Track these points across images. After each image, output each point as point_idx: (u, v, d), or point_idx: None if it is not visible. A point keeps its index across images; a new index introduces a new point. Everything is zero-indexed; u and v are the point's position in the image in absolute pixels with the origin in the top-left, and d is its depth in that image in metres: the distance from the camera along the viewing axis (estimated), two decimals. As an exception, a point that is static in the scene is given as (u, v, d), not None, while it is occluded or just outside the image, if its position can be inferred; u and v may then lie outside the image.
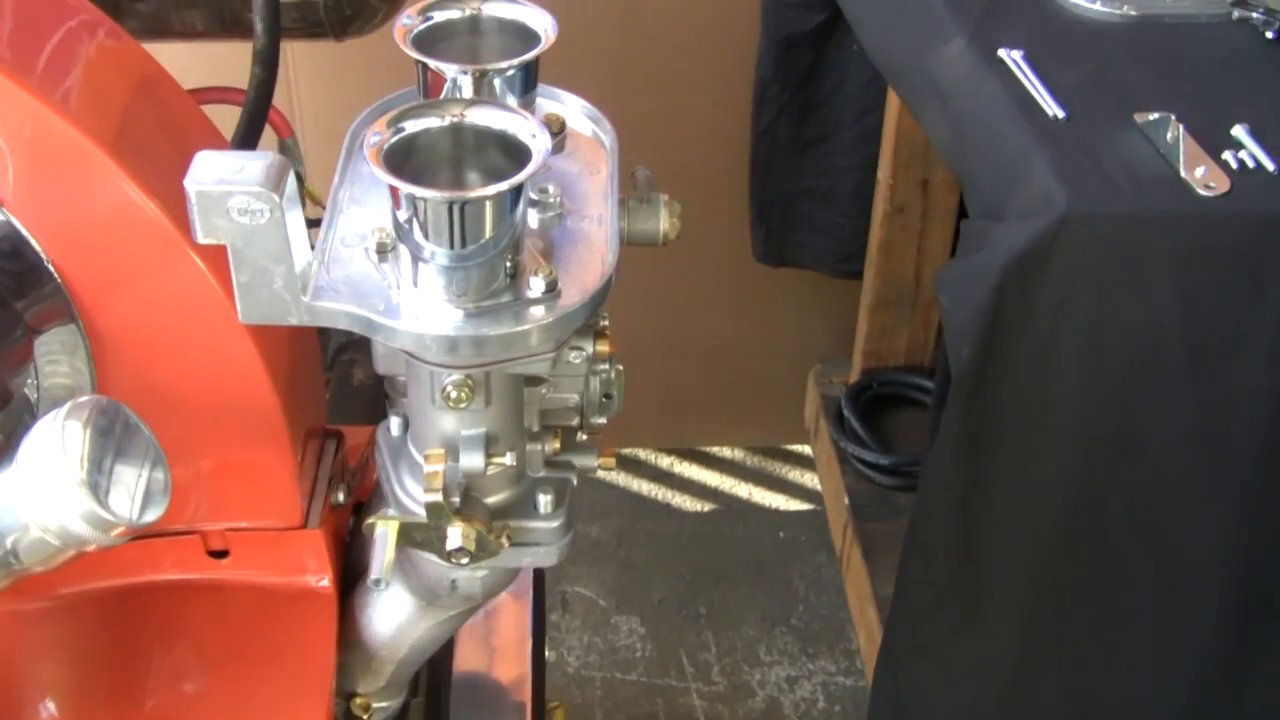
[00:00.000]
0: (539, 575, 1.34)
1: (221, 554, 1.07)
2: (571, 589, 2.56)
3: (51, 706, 1.04)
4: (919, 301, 2.43)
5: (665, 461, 2.84)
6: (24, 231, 0.91)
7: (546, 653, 2.42)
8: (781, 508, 2.75)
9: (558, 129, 0.96)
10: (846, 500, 2.38)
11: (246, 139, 1.12)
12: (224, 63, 1.27)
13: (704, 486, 2.80)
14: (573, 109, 0.99)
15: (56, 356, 0.96)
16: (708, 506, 2.77)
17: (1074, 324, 1.37)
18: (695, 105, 2.42)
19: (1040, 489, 1.48)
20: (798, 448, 2.84)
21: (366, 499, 1.09)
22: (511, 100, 0.91)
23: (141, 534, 1.03)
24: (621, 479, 2.81)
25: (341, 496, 1.08)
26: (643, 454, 2.86)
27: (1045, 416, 1.44)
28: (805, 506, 2.74)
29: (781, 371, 2.68)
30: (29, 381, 0.96)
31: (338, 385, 1.46)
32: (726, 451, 2.86)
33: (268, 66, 1.11)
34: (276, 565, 1.07)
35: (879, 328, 2.47)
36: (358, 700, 1.12)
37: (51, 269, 0.92)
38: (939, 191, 2.27)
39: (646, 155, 2.37)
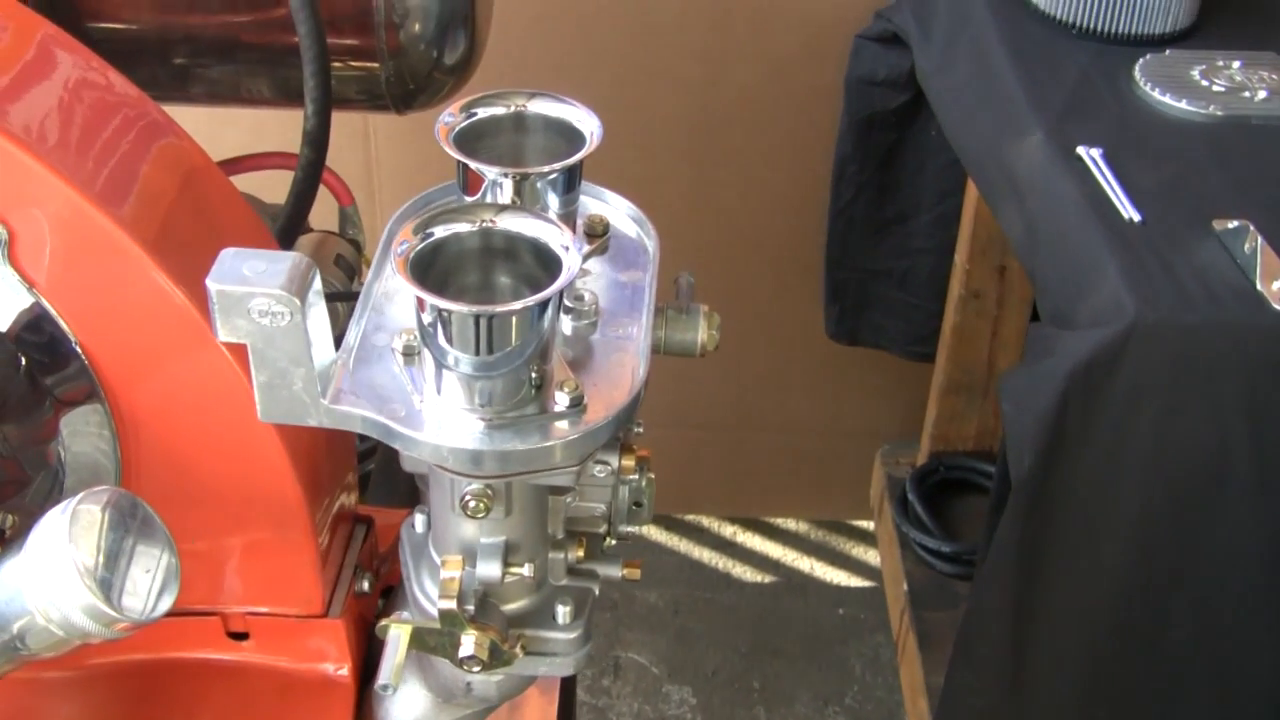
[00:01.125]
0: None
1: (242, 636, 1.06)
2: (625, 654, 2.53)
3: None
4: (990, 388, 2.39)
5: (728, 530, 2.81)
6: (54, 313, 0.91)
7: (595, 717, 2.41)
8: (843, 584, 2.71)
9: (601, 230, 0.94)
10: (905, 586, 2.34)
11: (291, 221, 1.11)
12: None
13: (765, 558, 2.77)
14: (618, 210, 0.97)
15: (82, 432, 0.95)
16: (768, 578, 2.73)
17: (1139, 436, 1.33)
18: (775, 181, 2.40)
19: (1097, 602, 1.45)
20: (862, 523, 2.80)
21: (397, 583, 1.08)
22: (554, 199, 0.89)
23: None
24: (683, 545, 2.78)
25: (367, 585, 1.07)
26: (705, 521, 2.83)
27: (1105, 529, 1.40)
28: (867, 584, 2.70)
29: (849, 448, 2.65)
30: (56, 453, 0.96)
31: (382, 465, 1.44)
32: (790, 524, 2.83)
33: (317, 148, 1.10)
34: (296, 652, 1.06)
35: (949, 412, 2.43)
36: (373, 794, 1.10)
37: (79, 350, 0.92)
38: (1016, 278, 2.23)
39: (724, 230, 2.38)
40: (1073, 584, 1.45)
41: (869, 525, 2.77)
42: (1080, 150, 1.49)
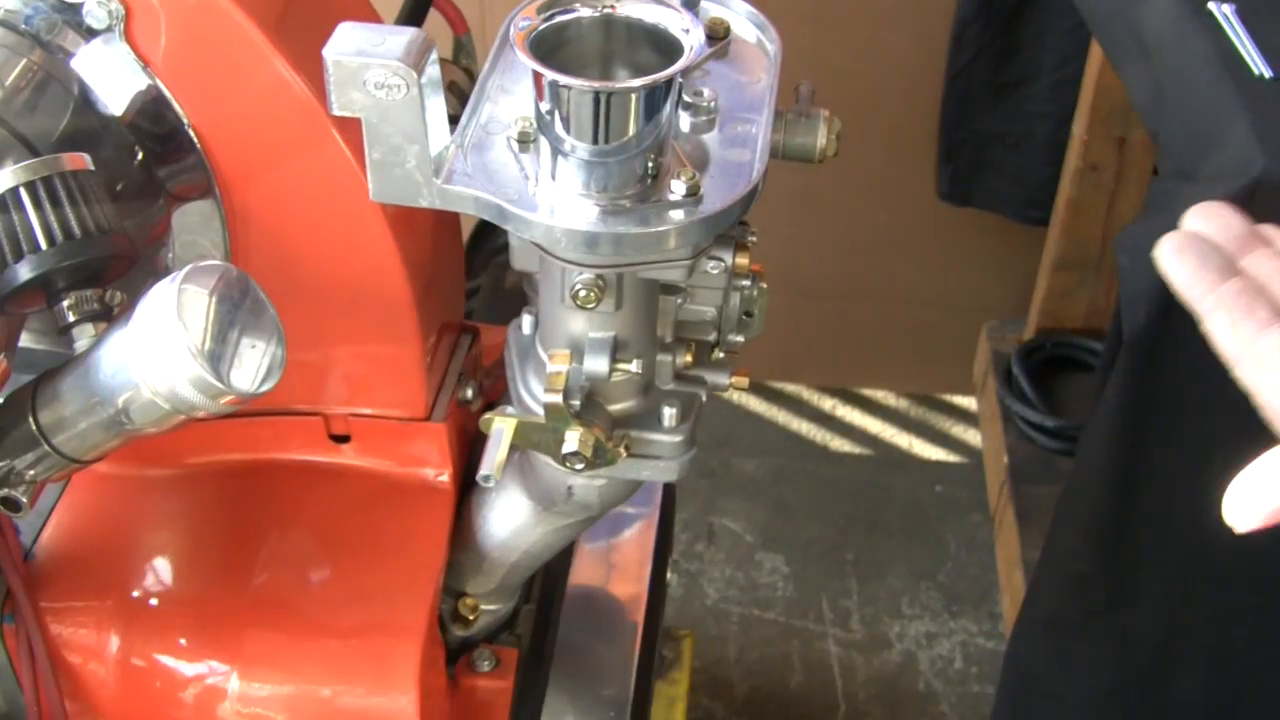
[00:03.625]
0: (669, 496, 1.32)
1: (344, 439, 1.06)
2: (719, 521, 2.53)
3: (163, 574, 1.04)
4: (1104, 265, 2.35)
5: (828, 404, 2.79)
6: (170, 97, 0.90)
7: (687, 581, 2.41)
8: (941, 460, 2.69)
9: (721, 33, 0.92)
10: (1006, 460, 2.32)
11: (409, 23, 1.10)
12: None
13: (864, 432, 2.75)
14: (739, 14, 0.94)
15: (194, 229, 0.95)
16: (866, 452, 2.71)
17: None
18: (893, 40, 2.35)
19: (1208, 470, 1.42)
20: (961, 401, 2.77)
21: (500, 398, 1.07)
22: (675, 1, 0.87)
23: (265, 410, 1.04)
24: (781, 416, 2.77)
25: (470, 393, 1.07)
26: (804, 393, 2.81)
27: (1221, 391, 1.37)
28: (965, 461, 2.67)
29: (952, 322, 2.61)
30: (167, 254, 0.96)
31: (489, 287, 1.44)
32: (890, 400, 2.81)
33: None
34: (398, 455, 1.06)
35: (1059, 288, 2.39)
36: (467, 601, 1.10)
37: (195, 139, 0.91)
38: (1135, 152, 2.18)
39: (841, 89, 2.33)
40: (1183, 449, 1.41)
41: (968, 403, 2.74)
42: (1211, 6, 1.44)
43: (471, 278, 1.60)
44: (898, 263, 2.61)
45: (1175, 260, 0.76)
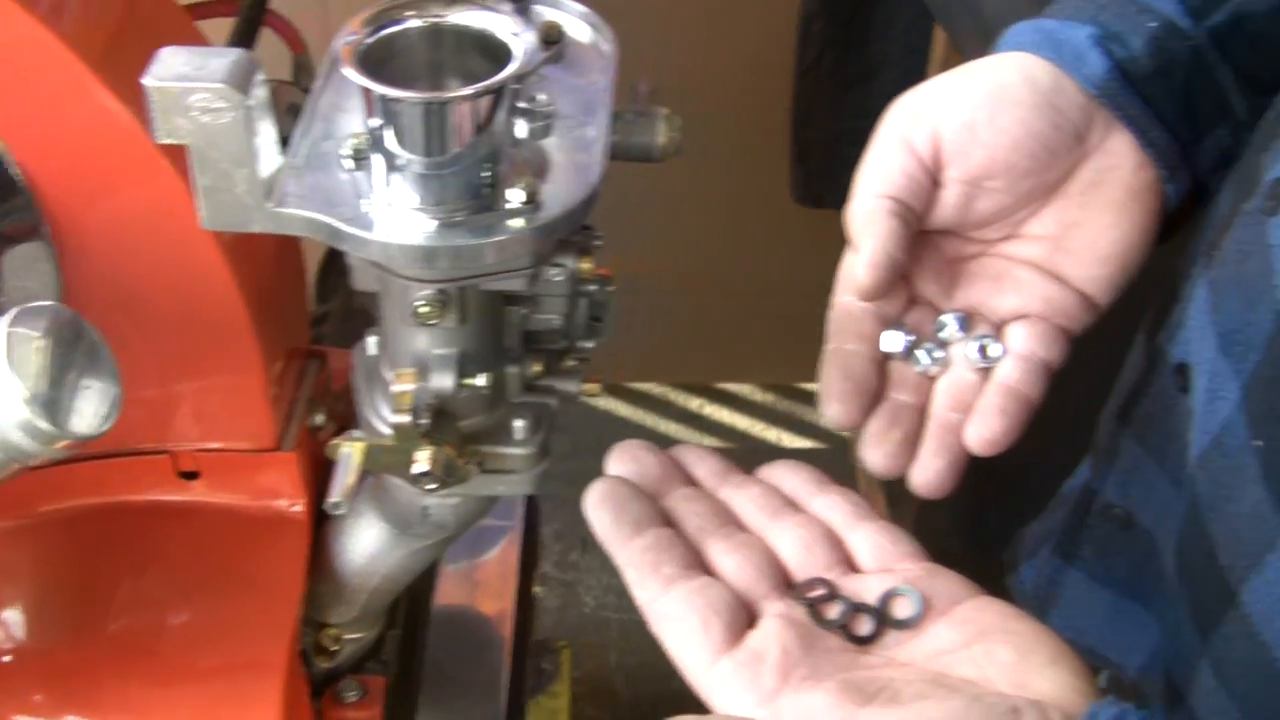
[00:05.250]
0: (533, 507, 1.30)
1: (193, 475, 1.03)
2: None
3: (14, 628, 1.00)
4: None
5: (694, 403, 2.80)
6: (-2, 140, 0.87)
7: (564, 591, 2.39)
8: (809, 449, 2.69)
9: (555, 36, 0.90)
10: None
11: (239, 44, 1.07)
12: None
13: (731, 428, 2.76)
14: (573, 16, 0.93)
15: (21, 272, 0.92)
16: (735, 447, 2.72)
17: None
18: (738, 40, 2.35)
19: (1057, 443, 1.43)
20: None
21: (352, 422, 1.05)
22: (505, 7, 0.86)
23: (109, 451, 1.01)
24: (649, 419, 2.76)
25: (320, 420, 1.04)
26: (671, 394, 2.81)
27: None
28: (831, 448, 2.68)
29: (812, 313, 2.61)
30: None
31: (340, 311, 1.42)
32: (756, 395, 2.81)
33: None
34: (249, 488, 1.03)
35: (913, 274, 2.40)
36: (330, 631, 1.07)
37: (22, 179, 0.88)
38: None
39: (688, 89, 2.32)
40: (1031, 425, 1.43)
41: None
42: (1052, -12, 1.45)
43: (324, 301, 1.57)
44: (754, 257, 2.61)
45: (595, 514, 0.76)
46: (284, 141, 0.80)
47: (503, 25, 0.76)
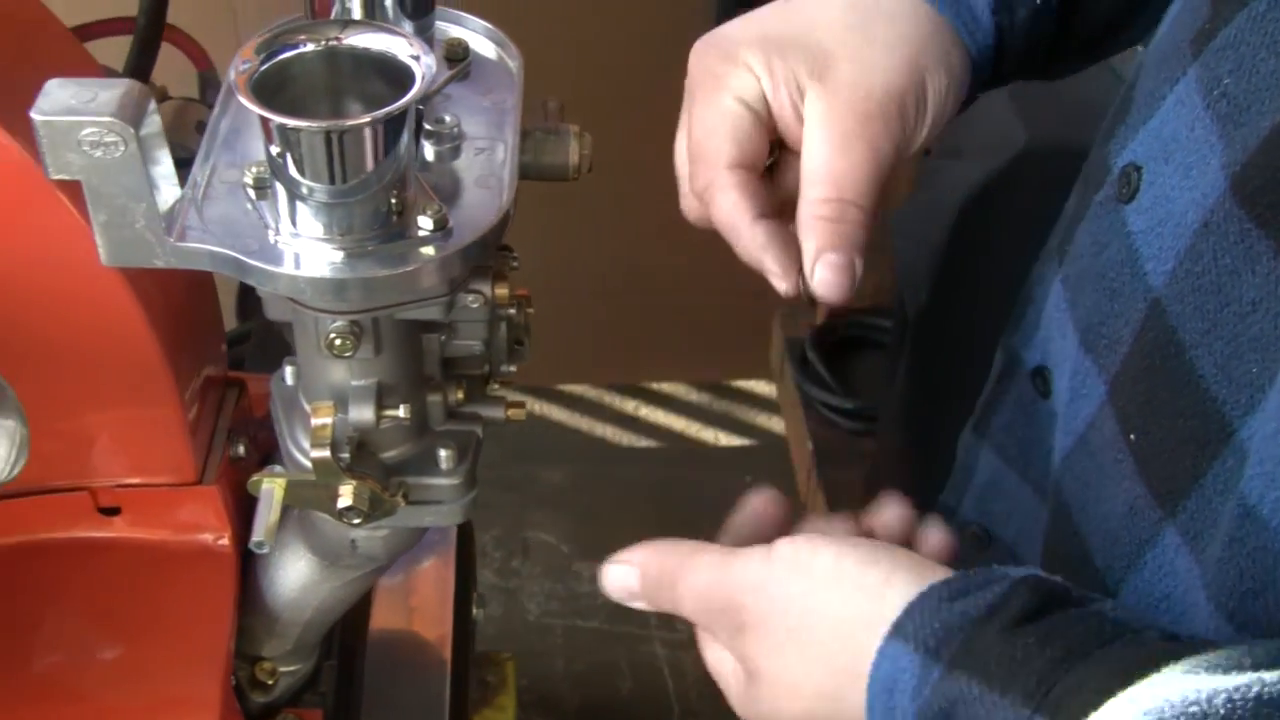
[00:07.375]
0: (466, 527, 1.28)
1: (114, 511, 1.01)
2: (532, 534, 2.50)
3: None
4: (886, 243, 2.36)
5: (630, 405, 2.78)
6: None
7: (506, 599, 2.38)
8: (747, 448, 2.68)
9: (460, 54, 0.89)
10: (810, 446, 2.32)
11: (136, 74, 1.05)
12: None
13: (668, 430, 2.75)
14: (476, 32, 0.91)
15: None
16: (672, 449, 2.71)
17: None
18: (652, 38, 2.33)
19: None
20: (759, 386, 2.77)
21: (276, 450, 1.03)
22: (406, 25, 0.84)
23: (25, 490, 0.98)
24: (584, 423, 2.75)
25: (242, 450, 1.02)
26: (606, 397, 2.80)
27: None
28: (770, 446, 2.67)
29: (740, 308, 2.60)
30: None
31: (261, 331, 1.39)
32: (691, 395, 2.80)
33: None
34: (172, 523, 1.01)
35: (844, 268, 2.40)
36: (264, 665, 1.06)
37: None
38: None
39: (609, 85, 2.30)
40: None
41: (768, 390, 2.75)
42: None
43: (245, 319, 1.55)
44: (678, 254, 2.59)
45: None
46: (191, 160, 0.78)
47: (402, 47, 0.74)
